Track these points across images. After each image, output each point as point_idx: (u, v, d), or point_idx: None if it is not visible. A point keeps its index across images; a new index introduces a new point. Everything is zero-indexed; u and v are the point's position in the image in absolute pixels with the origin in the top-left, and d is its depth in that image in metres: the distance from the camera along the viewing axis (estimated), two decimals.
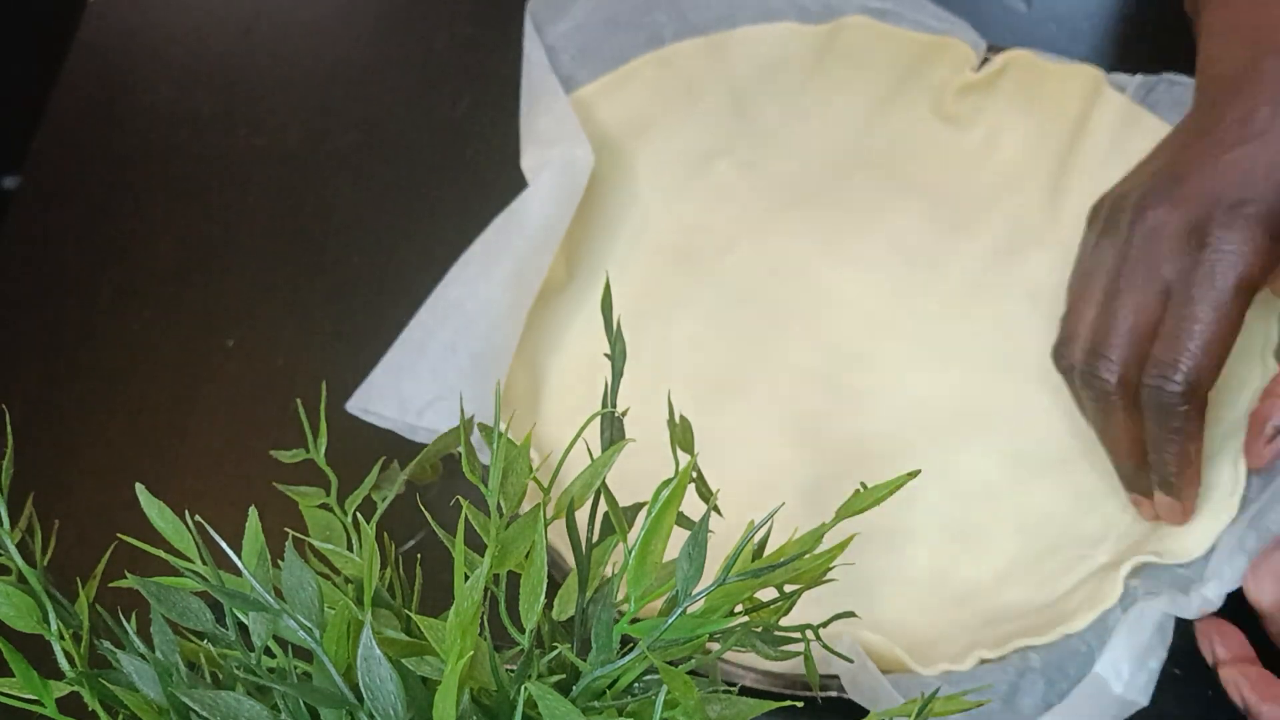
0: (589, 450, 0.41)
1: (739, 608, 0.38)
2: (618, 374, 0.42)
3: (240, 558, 0.36)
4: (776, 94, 0.70)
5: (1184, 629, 0.55)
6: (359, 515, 0.41)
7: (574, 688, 0.37)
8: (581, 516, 0.40)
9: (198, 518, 0.37)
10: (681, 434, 0.41)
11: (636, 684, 0.38)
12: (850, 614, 0.42)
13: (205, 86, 0.76)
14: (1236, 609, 0.54)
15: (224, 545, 0.36)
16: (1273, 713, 0.49)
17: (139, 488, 0.38)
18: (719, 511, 0.37)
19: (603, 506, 0.39)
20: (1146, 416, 0.53)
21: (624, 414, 0.42)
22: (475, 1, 0.78)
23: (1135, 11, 0.75)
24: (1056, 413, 0.61)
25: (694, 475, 0.39)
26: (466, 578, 0.34)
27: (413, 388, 0.60)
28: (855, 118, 0.69)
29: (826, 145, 0.69)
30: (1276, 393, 0.55)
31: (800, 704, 0.44)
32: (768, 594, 0.39)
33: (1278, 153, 0.52)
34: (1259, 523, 0.54)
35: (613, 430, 0.41)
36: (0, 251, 0.72)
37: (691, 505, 0.37)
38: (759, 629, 0.39)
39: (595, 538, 0.40)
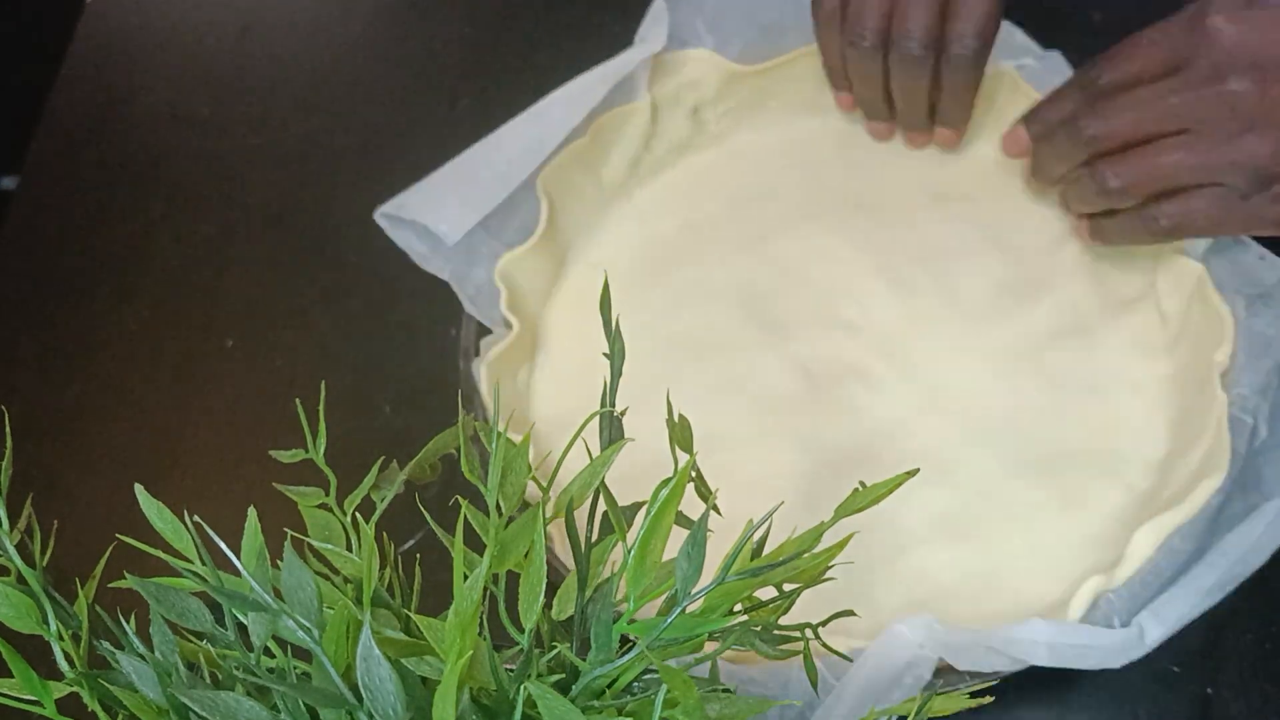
0: (587, 449, 0.41)
1: (738, 607, 0.38)
2: (617, 373, 0.41)
3: (240, 558, 0.36)
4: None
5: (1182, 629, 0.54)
6: (358, 515, 0.41)
7: (573, 687, 0.37)
8: (580, 515, 0.40)
9: (197, 518, 0.37)
10: (681, 433, 0.41)
11: (636, 683, 0.38)
12: (850, 612, 0.42)
13: (204, 87, 0.76)
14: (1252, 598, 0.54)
15: (223, 545, 0.36)
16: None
17: (138, 488, 0.38)
18: (718, 511, 0.37)
19: (602, 506, 0.39)
20: (948, 74, 0.65)
21: (623, 413, 0.42)
22: (475, 1, 0.78)
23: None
24: (1052, 418, 0.62)
25: (693, 474, 0.39)
26: (466, 577, 0.34)
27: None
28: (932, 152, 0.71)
29: (903, 167, 0.71)
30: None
31: (799, 703, 0.44)
32: (767, 593, 0.39)
33: None
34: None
35: (612, 430, 0.41)
36: (0, 251, 0.72)
37: (691, 505, 0.37)
38: (758, 628, 0.39)
39: (595, 537, 0.40)
